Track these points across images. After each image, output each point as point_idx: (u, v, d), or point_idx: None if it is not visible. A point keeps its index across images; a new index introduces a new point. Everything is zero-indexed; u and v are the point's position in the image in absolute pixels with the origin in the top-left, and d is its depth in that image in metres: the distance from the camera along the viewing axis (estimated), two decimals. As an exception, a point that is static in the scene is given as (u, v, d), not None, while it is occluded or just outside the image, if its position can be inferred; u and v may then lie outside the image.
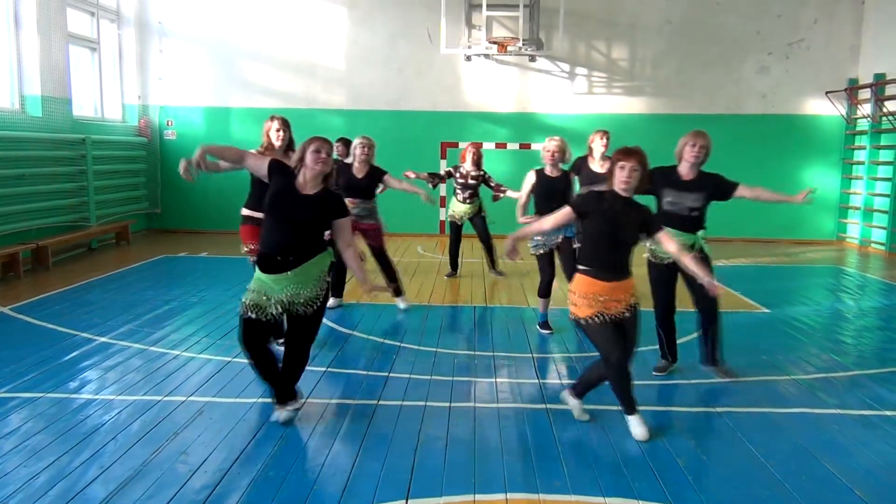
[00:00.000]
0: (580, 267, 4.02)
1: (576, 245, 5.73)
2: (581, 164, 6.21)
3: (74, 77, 10.58)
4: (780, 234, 12.66)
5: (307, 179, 3.94)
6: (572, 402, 4.24)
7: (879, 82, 11.47)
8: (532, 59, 12.20)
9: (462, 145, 12.21)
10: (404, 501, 3.23)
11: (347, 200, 6.53)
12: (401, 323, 6.52)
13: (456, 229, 8.47)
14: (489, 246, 8.50)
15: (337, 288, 6.90)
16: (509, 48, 11.48)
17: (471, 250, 10.05)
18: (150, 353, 5.42)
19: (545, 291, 6.16)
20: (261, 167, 4.07)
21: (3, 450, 3.68)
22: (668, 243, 4.02)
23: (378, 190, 6.90)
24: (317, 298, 3.97)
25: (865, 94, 11.93)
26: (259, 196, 4.56)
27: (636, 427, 3.95)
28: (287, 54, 12.48)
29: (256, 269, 4.00)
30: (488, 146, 12.42)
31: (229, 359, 5.25)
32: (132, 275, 8.67)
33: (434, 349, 5.64)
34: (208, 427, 4.03)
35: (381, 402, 4.44)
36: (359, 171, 6.61)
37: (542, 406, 4.42)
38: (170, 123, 11.81)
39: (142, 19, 12.50)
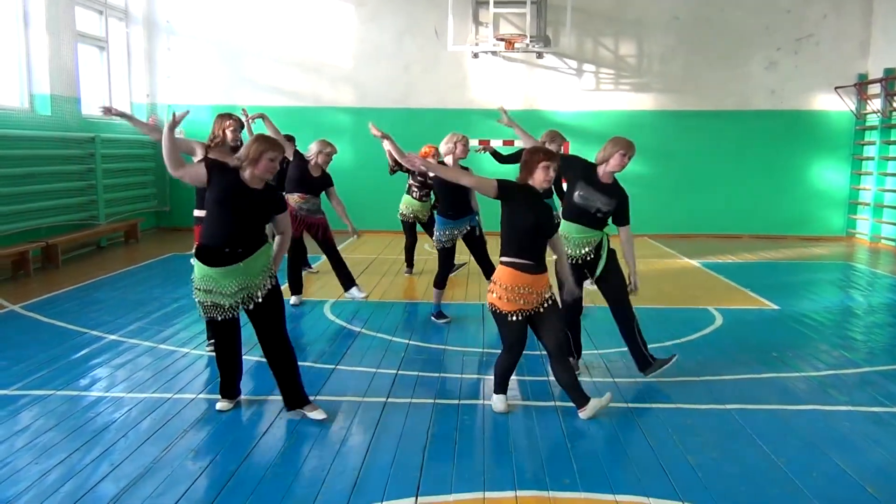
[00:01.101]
0: (504, 259, 4.11)
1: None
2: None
3: (83, 76, 10.64)
4: (788, 231, 12.60)
5: (252, 177, 3.98)
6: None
7: (889, 77, 11.39)
8: (539, 56, 12.18)
9: (473, 143, 12.18)
10: (414, 499, 3.22)
11: (297, 195, 6.74)
12: (409, 321, 6.53)
13: (409, 227, 8.61)
14: None
15: (295, 285, 7.02)
16: (516, 45, 11.47)
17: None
18: (160, 351, 5.44)
19: (442, 283, 6.38)
20: (199, 174, 3.99)
21: (14, 447, 3.70)
22: (559, 242, 4.33)
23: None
24: (267, 286, 4.02)
25: (875, 88, 11.84)
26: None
27: (498, 403, 4.25)
28: (294, 52, 12.50)
29: (198, 265, 3.97)
30: (495, 143, 12.40)
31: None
32: (141, 273, 8.71)
33: (443, 346, 5.64)
34: (217, 425, 4.05)
35: (390, 400, 4.45)
36: (314, 171, 6.81)
37: (552, 403, 4.41)
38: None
39: (150, 18, 12.55)
